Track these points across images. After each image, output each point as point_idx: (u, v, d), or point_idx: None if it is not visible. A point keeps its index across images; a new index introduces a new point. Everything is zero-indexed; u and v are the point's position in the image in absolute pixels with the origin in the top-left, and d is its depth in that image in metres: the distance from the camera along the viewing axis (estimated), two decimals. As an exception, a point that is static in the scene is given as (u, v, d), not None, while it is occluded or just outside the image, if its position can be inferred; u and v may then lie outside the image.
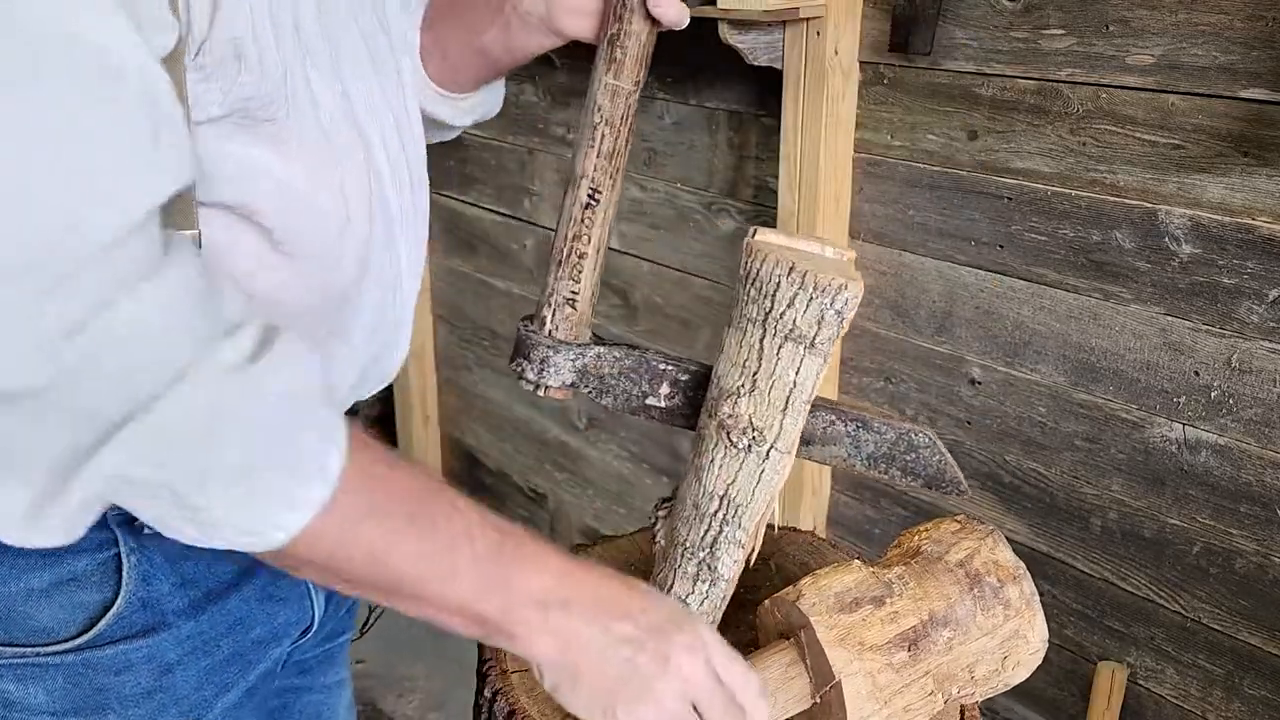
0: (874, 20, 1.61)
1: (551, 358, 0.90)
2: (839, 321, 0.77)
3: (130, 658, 0.75)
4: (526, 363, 0.91)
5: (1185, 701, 1.52)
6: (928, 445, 0.87)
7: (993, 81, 1.50)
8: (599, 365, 0.91)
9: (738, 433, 0.82)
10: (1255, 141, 1.28)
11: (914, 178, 1.63)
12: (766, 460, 0.83)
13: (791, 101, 1.65)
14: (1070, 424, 1.55)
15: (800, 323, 0.78)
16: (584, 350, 0.91)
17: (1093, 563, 1.58)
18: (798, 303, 0.77)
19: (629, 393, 0.91)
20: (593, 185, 0.88)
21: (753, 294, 0.79)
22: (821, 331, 0.78)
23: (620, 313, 2.27)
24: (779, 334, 0.78)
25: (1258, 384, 1.35)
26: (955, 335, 1.66)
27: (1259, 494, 1.38)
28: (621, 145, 0.89)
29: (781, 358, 0.79)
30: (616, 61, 0.86)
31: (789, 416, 0.81)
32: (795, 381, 0.80)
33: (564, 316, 0.90)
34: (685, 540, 0.89)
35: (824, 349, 0.79)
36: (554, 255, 0.91)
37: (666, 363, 0.91)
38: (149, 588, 0.75)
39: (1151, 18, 1.33)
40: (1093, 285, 1.47)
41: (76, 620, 0.73)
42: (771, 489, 0.84)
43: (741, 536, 0.86)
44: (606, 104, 0.88)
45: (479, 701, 0.95)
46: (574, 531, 2.61)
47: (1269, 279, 1.31)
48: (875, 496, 1.86)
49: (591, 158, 0.88)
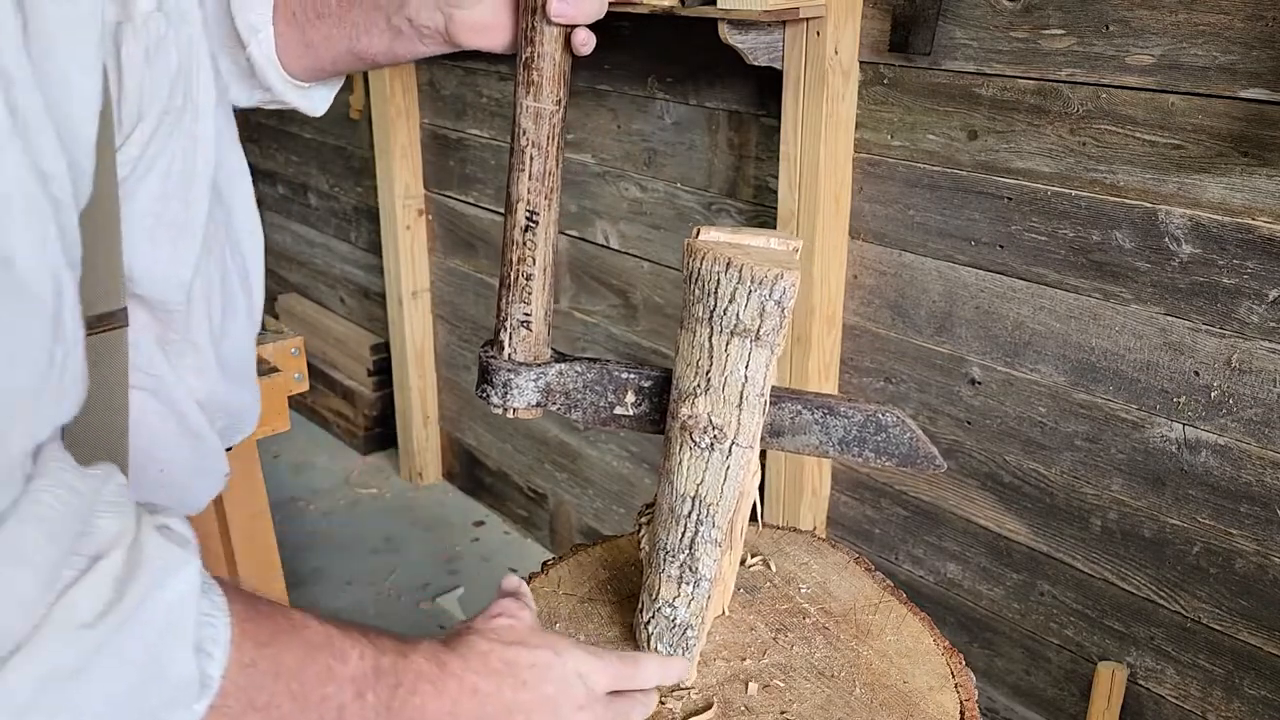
0: (874, 20, 1.61)
1: (514, 380, 0.92)
2: (780, 312, 0.78)
3: None
4: (491, 388, 0.93)
5: (1185, 701, 1.52)
6: (896, 424, 0.88)
7: (993, 81, 1.50)
8: (562, 382, 0.92)
9: (699, 432, 0.83)
10: (1255, 141, 1.28)
11: (914, 178, 1.64)
12: (730, 456, 0.84)
13: (791, 101, 1.65)
14: (1070, 424, 1.55)
15: (744, 317, 0.79)
16: (545, 369, 0.92)
17: (1093, 563, 1.58)
18: (738, 297, 0.78)
19: (596, 405, 0.93)
20: (529, 208, 0.90)
21: (697, 293, 0.80)
22: (765, 323, 0.79)
23: (620, 313, 2.27)
24: (725, 330, 0.80)
25: (1258, 384, 1.35)
26: (955, 335, 1.66)
27: (1259, 494, 1.38)
28: (552, 165, 0.90)
29: (730, 353, 0.80)
30: (534, 84, 0.87)
31: (745, 411, 0.82)
32: (746, 376, 0.81)
33: (521, 339, 0.92)
34: (665, 544, 0.91)
35: (770, 340, 0.80)
36: (502, 280, 0.93)
37: (628, 371, 0.92)
38: None
39: (1151, 18, 1.33)
40: (1093, 285, 1.47)
41: None
42: (739, 484, 0.86)
43: (717, 535, 0.88)
44: (531, 126, 0.88)
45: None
46: (574, 531, 2.61)
47: (1269, 279, 1.31)
48: (875, 496, 1.86)
49: (524, 181, 0.89)
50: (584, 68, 2.18)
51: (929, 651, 0.97)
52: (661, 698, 0.91)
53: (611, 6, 0.91)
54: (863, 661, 0.95)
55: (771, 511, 1.90)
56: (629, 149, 2.12)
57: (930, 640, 0.98)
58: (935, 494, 1.76)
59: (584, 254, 2.32)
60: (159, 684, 0.54)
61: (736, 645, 0.98)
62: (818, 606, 1.03)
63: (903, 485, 1.81)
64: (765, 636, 0.99)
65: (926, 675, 0.94)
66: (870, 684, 0.93)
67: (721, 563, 0.91)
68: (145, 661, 0.53)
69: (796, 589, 1.06)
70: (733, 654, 0.97)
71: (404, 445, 3.02)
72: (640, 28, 2.00)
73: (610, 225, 2.23)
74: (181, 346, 0.70)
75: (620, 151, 2.14)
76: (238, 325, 0.78)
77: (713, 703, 0.90)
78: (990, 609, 1.74)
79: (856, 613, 1.02)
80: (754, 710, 0.90)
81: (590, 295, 2.33)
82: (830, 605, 1.03)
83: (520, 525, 2.80)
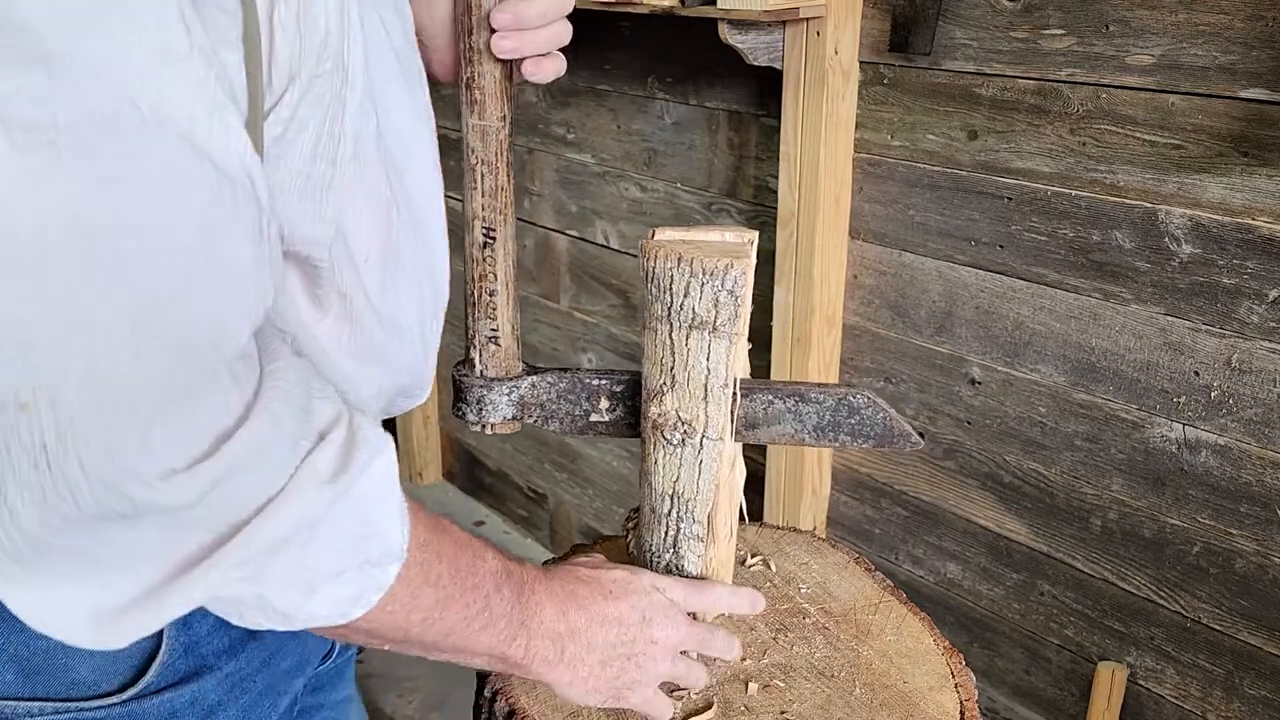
0: (874, 20, 1.61)
1: (487, 396, 0.93)
2: (734, 301, 0.79)
3: (175, 705, 0.75)
4: (466, 405, 0.94)
5: (1185, 701, 1.52)
6: (868, 405, 0.88)
7: (993, 81, 1.50)
8: (535, 394, 0.94)
9: (669, 429, 0.85)
10: (1255, 141, 1.28)
11: (914, 178, 1.64)
12: (702, 450, 0.85)
13: (791, 101, 1.65)
14: (1070, 424, 1.55)
15: (699, 309, 0.80)
16: (518, 383, 0.93)
17: (1093, 563, 1.58)
18: (692, 290, 0.80)
19: (571, 414, 0.94)
20: (486, 225, 0.91)
21: (654, 291, 0.82)
22: (720, 314, 0.80)
23: (620, 313, 2.27)
24: (684, 325, 0.81)
25: (1258, 384, 1.35)
26: (955, 335, 1.66)
27: (1259, 494, 1.38)
28: (504, 180, 0.91)
29: (691, 347, 0.82)
30: (477, 103, 0.88)
31: (711, 403, 0.83)
32: (708, 368, 0.82)
33: (490, 354, 0.93)
34: (650, 545, 0.92)
35: (727, 331, 0.81)
36: (467, 298, 0.94)
37: (599, 378, 0.93)
38: (190, 632, 0.75)
39: (1151, 18, 1.33)
40: (1093, 285, 1.47)
41: (120, 672, 0.73)
42: (714, 477, 0.86)
43: (699, 531, 0.89)
44: (479, 144, 0.89)
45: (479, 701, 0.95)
46: (574, 531, 2.61)
47: (1269, 279, 1.31)
48: (875, 496, 1.86)
49: (478, 198, 0.90)
50: (584, 68, 2.18)
51: (929, 651, 0.97)
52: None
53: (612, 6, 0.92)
54: (863, 661, 0.95)
55: (771, 511, 1.90)
56: (629, 149, 2.12)
57: (930, 640, 0.98)
58: (935, 494, 1.76)
59: (584, 254, 2.32)
60: (374, 540, 0.64)
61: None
62: (818, 606, 1.03)
63: (903, 485, 1.81)
64: (765, 636, 0.99)
65: (926, 675, 0.94)
66: (870, 684, 0.93)
67: (708, 558, 0.91)
68: (364, 520, 0.63)
69: (796, 589, 1.06)
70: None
71: (404, 445, 3.02)
72: (640, 28, 2.00)
73: (610, 225, 2.23)
74: (329, 298, 0.73)
75: (620, 151, 2.14)
76: (403, 281, 0.80)
77: (713, 702, 0.90)
78: (990, 609, 1.74)
79: (856, 613, 1.02)
80: (754, 710, 0.90)
81: (590, 295, 2.33)
82: (830, 605, 1.03)
83: (520, 525, 2.80)
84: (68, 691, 0.71)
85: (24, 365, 0.47)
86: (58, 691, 0.71)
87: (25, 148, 0.45)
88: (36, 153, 0.45)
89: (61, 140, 0.46)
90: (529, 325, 2.49)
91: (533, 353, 2.51)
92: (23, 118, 0.45)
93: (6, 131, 0.44)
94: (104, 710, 0.72)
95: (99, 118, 0.47)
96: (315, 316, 0.72)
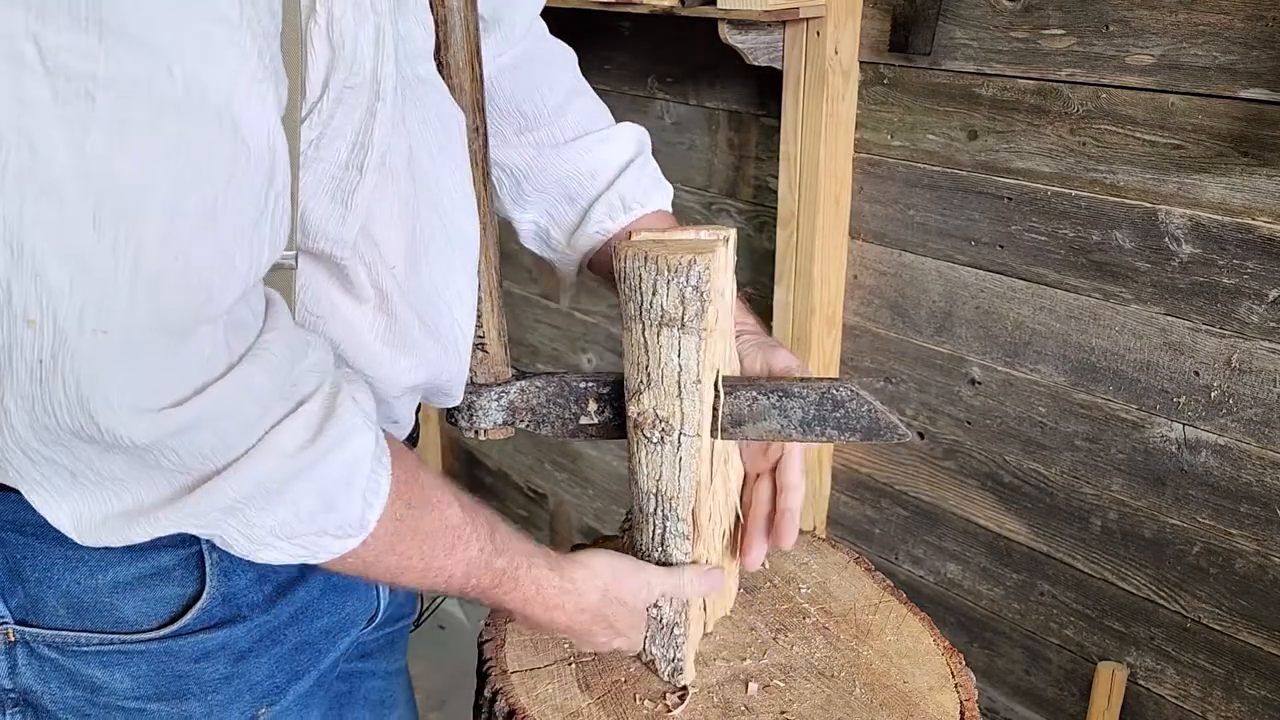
0: (874, 20, 1.61)
1: (478, 402, 0.94)
2: (700, 297, 0.80)
3: (207, 646, 0.81)
4: (457, 412, 0.95)
5: (1185, 701, 1.53)
6: (852, 398, 0.88)
7: (993, 81, 1.50)
8: (525, 399, 0.95)
9: (648, 427, 0.86)
10: (1255, 141, 1.28)
11: (914, 178, 1.64)
12: (681, 447, 0.86)
13: (791, 101, 1.66)
14: (1070, 424, 1.55)
15: (667, 306, 0.81)
16: (506, 389, 0.95)
17: (1093, 563, 1.58)
18: (659, 288, 0.80)
19: (561, 418, 0.95)
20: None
21: (627, 292, 0.83)
22: (687, 310, 0.80)
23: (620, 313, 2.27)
24: (654, 323, 0.82)
25: (1258, 384, 1.35)
26: (955, 335, 1.66)
27: (1259, 494, 1.38)
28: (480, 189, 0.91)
29: (663, 345, 0.83)
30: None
31: (686, 400, 0.84)
32: (680, 365, 0.83)
33: (479, 360, 0.94)
34: (640, 545, 0.93)
35: (695, 326, 0.81)
36: None
37: (585, 381, 0.94)
38: (230, 582, 0.80)
39: (1151, 18, 1.33)
40: (1093, 285, 1.47)
41: (159, 613, 0.79)
42: (695, 474, 0.87)
43: (684, 529, 0.89)
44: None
45: (479, 701, 0.95)
46: (574, 531, 2.61)
47: (1269, 279, 1.31)
48: (875, 496, 1.86)
49: None
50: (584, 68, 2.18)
51: (929, 651, 0.97)
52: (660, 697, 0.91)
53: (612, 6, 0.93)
54: (863, 661, 0.95)
55: (771, 511, 1.90)
56: (629, 149, 2.11)
57: (930, 640, 0.99)
58: (935, 494, 1.76)
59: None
60: (331, 514, 0.68)
61: (736, 645, 0.98)
62: (818, 606, 1.03)
63: (903, 485, 1.81)
64: (765, 636, 0.99)
65: (926, 675, 0.94)
66: (870, 684, 0.93)
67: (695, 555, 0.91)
68: (322, 497, 0.66)
69: (796, 589, 1.06)
70: (733, 654, 0.97)
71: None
72: (640, 28, 2.00)
73: (610, 225, 2.22)
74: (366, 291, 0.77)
75: (620, 151, 2.14)
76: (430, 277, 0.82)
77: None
78: (990, 609, 1.74)
79: (856, 613, 1.02)
80: (754, 710, 0.90)
81: (590, 295, 2.33)
82: (830, 605, 1.03)
83: (520, 525, 2.80)
84: (114, 626, 0.78)
85: (39, 284, 0.52)
86: (105, 626, 0.78)
87: (66, 97, 0.50)
88: (75, 103, 0.50)
89: (99, 95, 0.50)
90: (529, 325, 2.49)
91: (533, 353, 2.52)
92: (69, 69, 0.49)
93: (51, 80, 0.49)
94: (143, 644, 0.79)
95: (140, 82, 0.51)
96: (352, 305, 0.77)
